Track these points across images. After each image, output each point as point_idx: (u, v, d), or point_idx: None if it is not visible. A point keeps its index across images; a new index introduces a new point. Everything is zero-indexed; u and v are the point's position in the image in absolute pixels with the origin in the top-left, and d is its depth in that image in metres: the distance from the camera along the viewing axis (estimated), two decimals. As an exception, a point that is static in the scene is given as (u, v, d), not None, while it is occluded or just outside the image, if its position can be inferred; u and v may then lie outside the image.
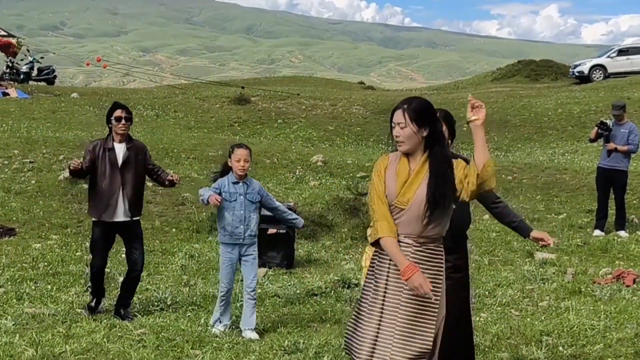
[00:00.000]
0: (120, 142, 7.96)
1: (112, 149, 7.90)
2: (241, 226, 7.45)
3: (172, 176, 8.16)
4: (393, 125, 4.69)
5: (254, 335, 7.42)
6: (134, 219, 8.05)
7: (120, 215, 7.91)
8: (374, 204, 4.73)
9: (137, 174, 8.02)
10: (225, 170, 7.64)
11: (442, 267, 4.70)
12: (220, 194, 7.40)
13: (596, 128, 13.08)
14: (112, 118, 7.92)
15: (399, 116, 4.65)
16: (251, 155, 7.66)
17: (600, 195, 13.18)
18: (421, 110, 4.66)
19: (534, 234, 6.06)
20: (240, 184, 7.48)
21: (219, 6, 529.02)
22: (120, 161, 7.89)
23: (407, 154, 4.70)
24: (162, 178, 8.22)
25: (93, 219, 8.04)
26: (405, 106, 4.66)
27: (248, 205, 7.49)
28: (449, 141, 5.72)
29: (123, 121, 7.89)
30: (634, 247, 11.84)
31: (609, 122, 12.91)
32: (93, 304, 8.13)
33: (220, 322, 7.60)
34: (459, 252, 5.63)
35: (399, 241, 4.68)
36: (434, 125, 4.66)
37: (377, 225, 4.68)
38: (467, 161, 4.93)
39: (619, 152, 12.83)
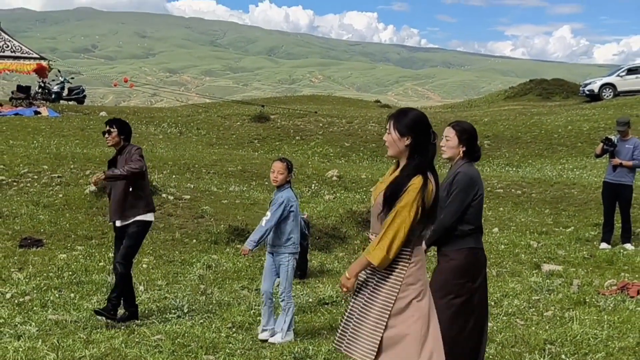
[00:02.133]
0: (118, 154, 8.26)
1: (113, 160, 8.27)
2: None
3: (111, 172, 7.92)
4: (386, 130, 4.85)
5: (264, 336, 7.52)
6: (125, 222, 8.14)
7: (120, 219, 8.19)
8: None
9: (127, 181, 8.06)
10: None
11: (404, 269, 4.65)
12: None
13: (601, 144, 13.03)
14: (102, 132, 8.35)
15: (388, 123, 4.82)
16: (290, 168, 7.67)
17: (607, 209, 13.12)
18: (405, 121, 4.73)
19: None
20: (277, 193, 7.66)
21: (242, 29, 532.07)
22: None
23: (399, 162, 4.81)
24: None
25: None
26: (396, 115, 4.81)
27: (266, 216, 7.60)
28: (461, 152, 5.80)
29: (106, 135, 8.21)
30: (639, 259, 11.77)
31: (614, 138, 12.87)
32: (125, 315, 8.19)
33: (266, 327, 7.65)
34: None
35: (369, 239, 4.87)
36: (418, 137, 4.69)
37: None
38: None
39: (624, 167, 12.77)
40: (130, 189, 8.08)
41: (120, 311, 8.28)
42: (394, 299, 4.61)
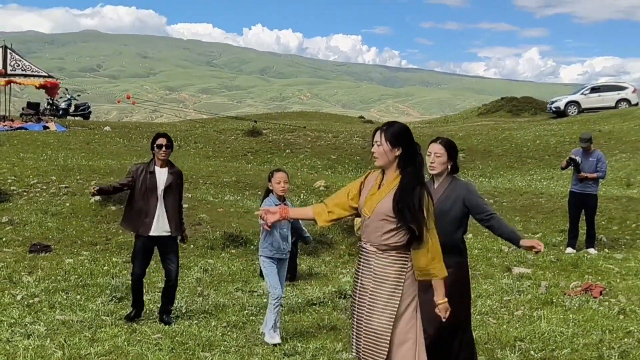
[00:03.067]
0: (161, 167, 8.03)
1: (153, 173, 7.95)
2: (285, 243, 7.47)
3: (185, 235, 8.23)
4: (373, 143, 4.80)
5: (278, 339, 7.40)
6: (172, 235, 8.05)
7: (157, 230, 7.94)
8: (337, 193, 4.99)
9: (176, 196, 8.05)
10: (267, 193, 7.61)
11: (403, 273, 4.65)
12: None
13: (566, 162, 13.09)
14: (155, 145, 8.01)
15: (377, 135, 4.77)
16: (288, 177, 7.61)
17: (572, 217, 13.16)
18: (396, 133, 4.71)
19: (524, 242, 5.85)
20: (283, 205, 7.39)
21: (236, 50, 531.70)
22: (161, 184, 7.96)
23: (383, 171, 4.78)
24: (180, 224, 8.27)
25: (133, 233, 8.10)
26: (385, 127, 4.76)
27: (288, 224, 7.51)
28: (449, 167, 5.76)
29: (164, 148, 7.97)
30: (601, 262, 11.82)
31: (578, 159, 12.87)
32: (132, 314, 8.12)
33: (276, 327, 7.42)
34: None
35: (363, 248, 4.78)
36: (407, 147, 4.69)
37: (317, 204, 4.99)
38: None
39: (589, 180, 12.83)
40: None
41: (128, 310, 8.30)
42: (397, 303, 4.60)
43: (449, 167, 5.77)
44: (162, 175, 7.99)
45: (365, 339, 4.65)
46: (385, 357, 4.58)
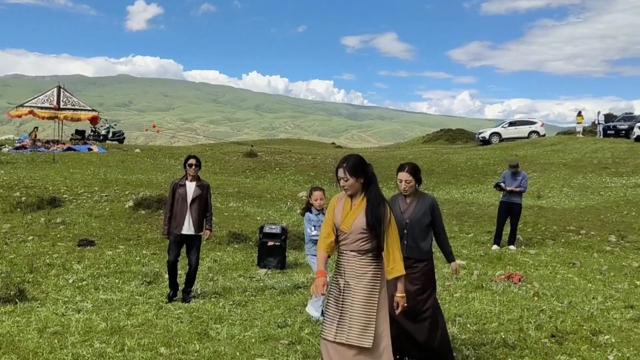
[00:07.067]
0: (191, 181, 8.03)
1: (184, 186, 7.98)
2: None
3: (207, 235, 8.09)
4: (338, 179, 4.57)
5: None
6: (196, 234, 8.01)
7: (185, 230, 7.92)
8: (324, 225, 4.69)
9: (200, 205, 7.98)
10: (308, 206, 7.46)
11: (379, 271, 4.50)
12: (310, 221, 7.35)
13: (497, 188, 13.13)
14: (187, 164, 8.04)
15: (341, 173, 4.52)
16: (324, 193, 7.42)
17: (500, 221, 13.11)
18: (355, 166, 4.50)
19: (454, 265, 5.99)
20: (320, 214, 7.32)
21: (237, 91, 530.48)
22: (189, 195, 7.93)
23: (351, 196, 4.61)
24: (205, 223, 8.11)
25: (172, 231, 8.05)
26: (345, 165, 4.52)
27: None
28: (417, 185, 5.68)
29: (193, 167, 7.99)
30: (519, 257, 11.87)
31: (502, 185, 12.94)
32: (170, 295, 8.03)
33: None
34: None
35: (344, 253, 4.57)
36: (367, 174, 4.52)
37: (320, 240, 4.63)
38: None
39: (515, 193, 12.90)
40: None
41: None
42: (377, 293, 4.46)
43: (416, 186, 5.70)
44: (191, 188, 7.99)
45: (352, 326, 4.42)
46: (372, 340, 4.41)
